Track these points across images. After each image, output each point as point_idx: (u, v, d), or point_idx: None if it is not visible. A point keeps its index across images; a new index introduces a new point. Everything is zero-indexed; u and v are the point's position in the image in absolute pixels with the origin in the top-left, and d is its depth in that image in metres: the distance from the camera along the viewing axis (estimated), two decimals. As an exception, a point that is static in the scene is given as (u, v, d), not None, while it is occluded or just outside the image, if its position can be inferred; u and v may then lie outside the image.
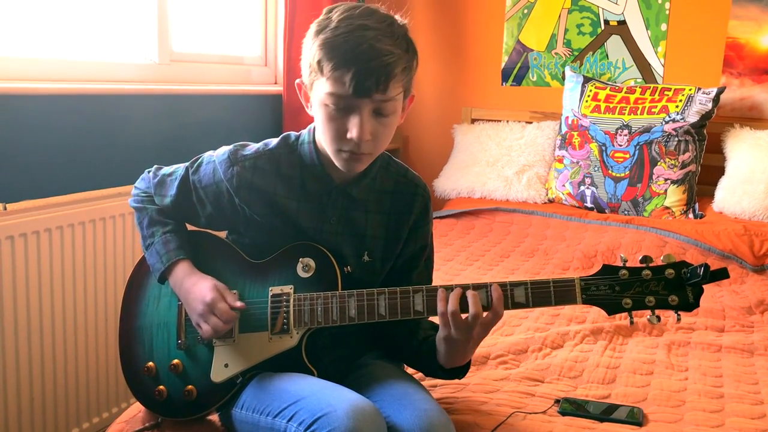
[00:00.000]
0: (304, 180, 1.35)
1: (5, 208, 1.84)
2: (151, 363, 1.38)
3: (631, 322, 1.25)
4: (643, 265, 1.23)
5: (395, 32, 1.22)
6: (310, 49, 1.24)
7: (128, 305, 1.44)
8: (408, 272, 1.44)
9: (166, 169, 1.45)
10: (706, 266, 1.18)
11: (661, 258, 1.23)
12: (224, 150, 1.38)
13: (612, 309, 1.23)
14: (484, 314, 1.23)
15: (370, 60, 1.17)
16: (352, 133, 1.21)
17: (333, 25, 1.21)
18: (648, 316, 1.23)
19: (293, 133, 1.39)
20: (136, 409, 1.43)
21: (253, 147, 1.38)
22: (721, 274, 1.18)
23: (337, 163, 1.29)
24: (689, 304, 1.22)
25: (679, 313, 1.23)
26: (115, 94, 2.23)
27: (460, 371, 1.37)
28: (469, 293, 1.23)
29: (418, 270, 1.46)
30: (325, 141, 1.28)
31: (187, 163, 1.42)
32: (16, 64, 2.00)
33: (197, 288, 1.32)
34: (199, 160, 1.41)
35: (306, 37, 1.28)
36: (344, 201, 1.36)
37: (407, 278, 1.43)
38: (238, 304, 1.31)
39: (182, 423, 1.36)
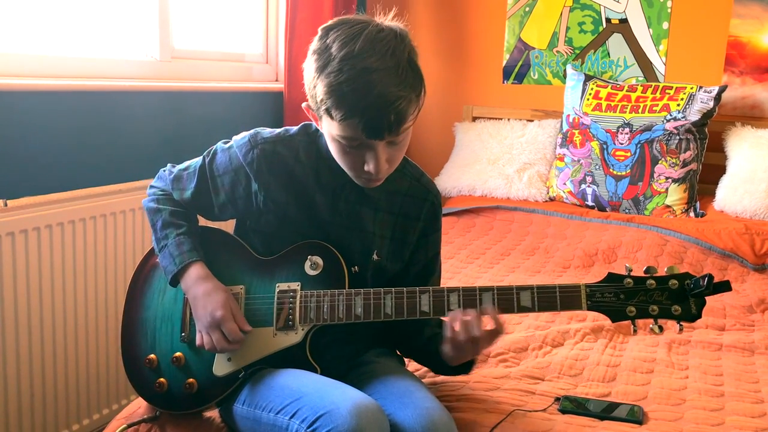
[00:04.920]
0: (320, 171, 1.35)
1: (6, 205, 1.84)
2: (152, 355, 1.38)
3: (634, 331, 1.26)
4: (647, 274, 1.25)
5: (400, 65, 1.16)
6: (315, 87, 1.20)
7: (133, 297, 1.44)
8: (425, 280, 1.47)
9: (180, 166, 1.45)
10: (710, 277, 1.19)
11: (665, 269, 1.25)
12: (243, 134, 1.38)
13: (616, 316, 1.26)
14: (485, 331, 1.26)
15: (380, 109, 1.15)
16: (369, 167, 1.22)
17: (335, 67, 1.15)
18: (651, 325, 1.25)
19: (313, 123, 1.37)
20: (136, 406, 1.43)
21: (273, 131, 1.38)
22: (724, 287, 1.20)
23: (356, 182, 1.30)
24: (692, 314, 1.24)
25: (681, 323, 1.25)
26: (116, 91, 2.23)
27: (466, 367, 1.41)
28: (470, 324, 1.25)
29: (434, 277, 1.49)
30: (341, 166, 1.28)
31: (202, 155, 1.42)
32: (17, 61, 2.00)
33: (210, 299, 1.30)
34: (214, 149, 1.42)
35: (306, 65, 1.23)
36: (356, 196, 1.36)
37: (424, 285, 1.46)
38: (247, 327, 1.31)
39: (181, 417, 1.36)
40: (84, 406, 2.10)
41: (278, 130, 1.38)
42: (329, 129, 1.23)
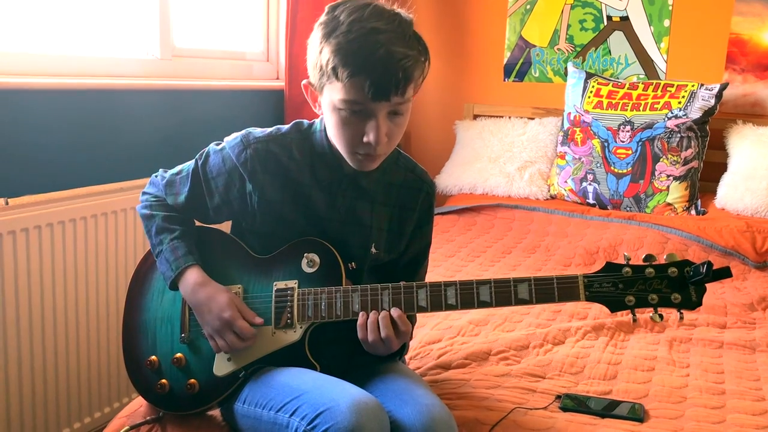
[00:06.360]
0: (315, 168, 1.35)
1: (7, 203, 1.84)
2: (154, 357, 1.38)
3: (634, 320, 1.25)
4: (647, 263, 1.23)
5: (406, 32, 1.21)
6: (321, 52, 1.22)
7: (132, 299, 1.44)
8: (414, 269, 1.46)
9: (172, 170, 1.45)
10: (709, 264, 1.18)
11: (665, 257, 1.23)
12: (235, 135, 1.38)
13: (615, 306, 1.24)
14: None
15: (388, 65, 1.17)
16: (369, 137, 1.22)
17: (344, 29, 1.18)
18: (651, 314, 1.24)
19: (305, 121, 1.38)
20: (138, 404, 1.43)
21: (264, 130, 1.38)
22: (724, 273, 1.18)
23: (351, 163, 1.29)
24: (692, 302, 1.22)
25: (681, 311, 1.23)
26: (116, 90, 2.23)
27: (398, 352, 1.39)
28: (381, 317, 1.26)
29: (422, 266, 1.48)
30: (338, 143, 1.28)
31: (195, 158, 1.42)
32: (18, 59, 2.00)
33: (214, 302, 1.30)
34: (206, 152, 1.41)
35: (312, 38, 1.25)
36: (353, 191, 1.36)
37: (413, 275, 1.45)
38: (258, 320, 1.31)
39: (183, 417, 1.37)
40: (85, 405, 2.10)
41: (270, 129, 1.38)
42: (332, 96, 1.23)
